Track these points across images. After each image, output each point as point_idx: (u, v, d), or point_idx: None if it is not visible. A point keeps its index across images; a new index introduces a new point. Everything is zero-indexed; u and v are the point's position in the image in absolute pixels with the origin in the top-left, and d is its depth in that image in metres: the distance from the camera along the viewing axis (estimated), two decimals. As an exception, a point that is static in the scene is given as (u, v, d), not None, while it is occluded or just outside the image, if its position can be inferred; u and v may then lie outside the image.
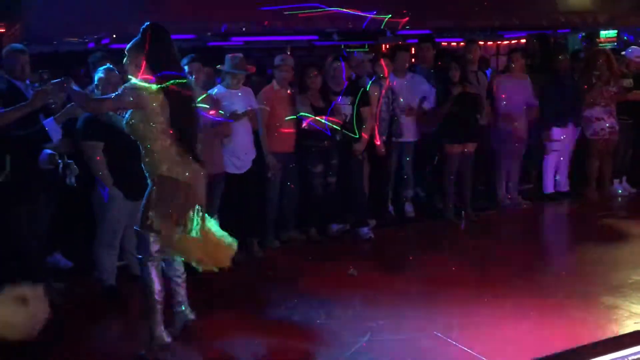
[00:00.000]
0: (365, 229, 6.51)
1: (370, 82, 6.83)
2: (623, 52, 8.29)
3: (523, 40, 11.46)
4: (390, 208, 7.20)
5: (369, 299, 4.86)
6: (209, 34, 8.66)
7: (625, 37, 11.14)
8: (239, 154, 5.85)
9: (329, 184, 6.37)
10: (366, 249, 6.31)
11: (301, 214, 6.49)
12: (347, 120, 6.38)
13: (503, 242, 6.60)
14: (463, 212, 7.10)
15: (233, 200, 5.87)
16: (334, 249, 6.21)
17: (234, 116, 5.66)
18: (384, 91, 6.78)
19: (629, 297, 4.73)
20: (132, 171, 5.01)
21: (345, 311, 4.64)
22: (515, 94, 7.33)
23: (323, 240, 6.38)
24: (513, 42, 12.03)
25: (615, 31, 12.34)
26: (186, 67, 5.49)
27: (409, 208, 7.15)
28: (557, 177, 7.84)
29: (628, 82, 7.83)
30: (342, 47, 9.17)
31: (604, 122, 7.63)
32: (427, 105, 6.94)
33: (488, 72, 8.12)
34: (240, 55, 5.97)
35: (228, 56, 5.92)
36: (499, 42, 11.60)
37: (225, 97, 5.80)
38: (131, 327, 4.68)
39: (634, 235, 6.40)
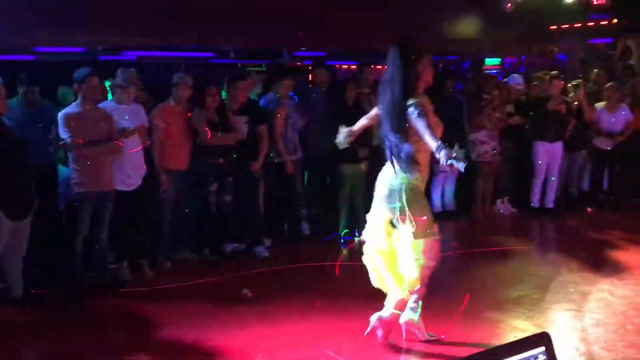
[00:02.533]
0: (260, 248, 6.49)
1: (269, 101, 6.87)
2: (505, 80, 8.80)
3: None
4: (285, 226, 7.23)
5: (264, 319, 4.82)
6: (100, 47, 8.41)
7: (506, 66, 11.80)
8: (128, 171, 5.69)
9: (224, 202, 6.31)
10: (261, 268, 6.27)
11: (195, 233, 6.38)
12: (243, 138, 6.37)
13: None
14: (357, 230, 7.22)
15: (123, 218, 5.69)
16: (228, 269, 6.14)
17: (124, 133, 5.52)
18: (285, 111, 6.84)
19: (511, 311, 4.96)
20: (15, 189, 4.78)
21: (239, 331, 4.59)
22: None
23: (217, 260, 6.29)
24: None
25: (499, 59, 13.10)
26: (83, 81, 5.31)
27: (304, 226, 7.21)
28: (445, 197, 8.15)
29: (510, 107, 8.32)
30: (239, 65, 9.16)
31: (488, 145, 8.04)
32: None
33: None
34: (133, 70, 5.84)
35: (119, 70, 5.78)
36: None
37: (115, 112, 5.64)
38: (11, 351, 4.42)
39: (515, 252, 6.74)
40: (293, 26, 9.00)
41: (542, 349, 1.42)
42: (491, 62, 13.07)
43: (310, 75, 7.95)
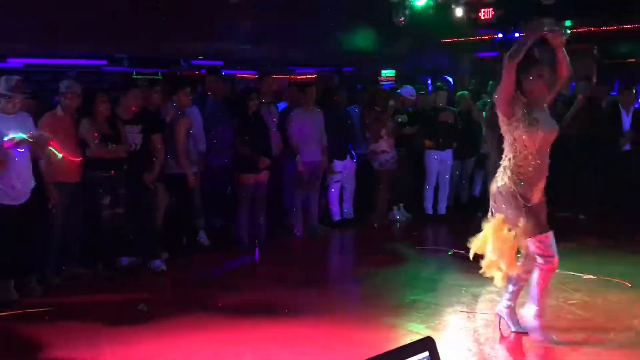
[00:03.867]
0: (157, 262, 6.33)
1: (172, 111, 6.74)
2: (398, 90, 9.08)
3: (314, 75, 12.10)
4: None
5: (160, 333, 4.71)
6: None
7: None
8: (14, 184, 5.39)
9: (117, 215, 6.11)
10: (158, 282, 6.12)
11: (87, 247, 6.13)
12: (136, 149, 6.21)
13: (294, 268, 6.79)
14: (257, 240, 7.20)
15: (9, 233, 5.39)
16: (123, 284, 5.94)
17: (14, 141, 5.23)
18: (187, 121, 6.71)
19: (407, 316, 5.09)
20: None
21: (135, 347, 4.45)
22: (308, 126, 7.64)
23: (111, 275, 6.08)
24: (306, 76, 12.67)
25: (394, 70, 13.52)
26: None
27: (202, 237, 7.10)
28: (344, 206, 8.27)
29: (403, 117, 8.60)
30: (134, 73, 8.93)
31: (388, 154, 8.25)
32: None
33: (280, 105, 8.38)
34: (18, 77, 5.56)
35: (3, 78, 5.48)
36: (290, 77, 12.12)
37: (-2, 122, 5.34)
38: None
39: (410, 257, 6.95)
40: (188, 34, 8.88)
41: (426, 354, 1.46)
42: (387, 73, 13.49)
43: (206, 85, 7.85)
